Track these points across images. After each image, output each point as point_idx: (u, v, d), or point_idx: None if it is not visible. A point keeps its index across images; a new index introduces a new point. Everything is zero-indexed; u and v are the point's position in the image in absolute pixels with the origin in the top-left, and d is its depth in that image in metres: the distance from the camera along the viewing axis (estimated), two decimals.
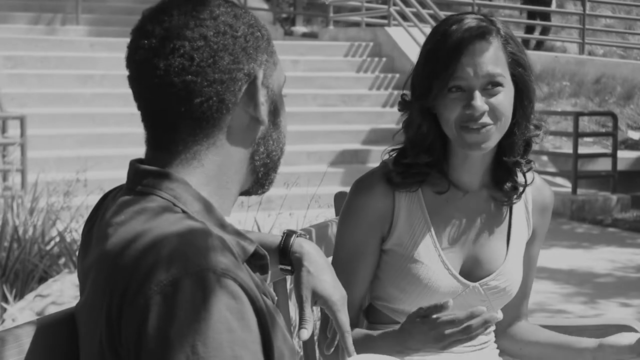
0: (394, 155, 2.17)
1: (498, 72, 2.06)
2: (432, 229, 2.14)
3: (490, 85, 2.06)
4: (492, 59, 2.06)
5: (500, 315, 1.98)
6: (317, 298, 1.85)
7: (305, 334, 1.78)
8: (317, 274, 1.86)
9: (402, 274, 2.14)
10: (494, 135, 2.08)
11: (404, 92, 2.17)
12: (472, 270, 2.16)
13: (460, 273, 2.15)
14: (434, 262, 2.13)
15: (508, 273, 2.17)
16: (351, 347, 1.84)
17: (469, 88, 2.06)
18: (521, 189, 2.17)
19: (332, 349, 1.95)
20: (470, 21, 2.08)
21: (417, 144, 2.13)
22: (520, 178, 2.17)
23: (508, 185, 2.16)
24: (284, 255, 1.90)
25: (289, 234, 1.92)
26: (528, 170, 2.19)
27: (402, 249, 2.14)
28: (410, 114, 2.14)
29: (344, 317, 1.85)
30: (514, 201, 2.18)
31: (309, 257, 1.87)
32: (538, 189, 2.25)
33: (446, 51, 2.06)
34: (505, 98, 2.08)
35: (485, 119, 2.06)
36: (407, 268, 2.13)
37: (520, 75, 2.11)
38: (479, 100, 2.05)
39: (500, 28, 2.10)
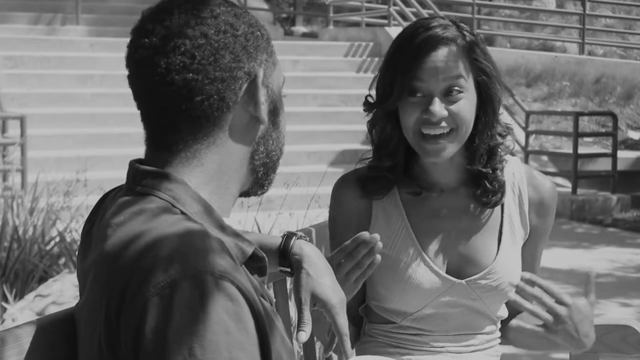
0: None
1: (459, 78, 2.06)
2: (410, 228, 2.16)
3: (451, 91, 2.06)
4: (453, 64, 2.06)
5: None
6: (316, 301, 1.85)
7: (304, 336, 1.78)
8: (317, 277, 1.86)
9: (386, 273, 2.15)
10: (453, 143, 2.08)
11: (369, 93, 2.18)
12: (460, 268, 2.16)
13: (448, 271, 2.15)
14: (414, 259, 2.14)
15: (500, 271, 2.16)
16: (349, 351, 1.84)
17: (429, 92, 2.07)
18: (496, 195, 2.15)
19: (330, 352, 1.95)
20: (435, 26, 2.08)
21: (381, 147, 2.17)
22: (490, 184, 2.15)
23: (482, 188, 2.16)
24: (284, 257, 1.90)
25: (289, 236, 1.92)
26: (494, 180, 2.15)
27: (383, 248, 2.15)
28: (375, 115, 2.15)
29: (342, 321, 1.85)
30: (491, 202, 2.16)
31: (308, 260, 1.88)
32: (535, 186, 2.23)
33: (408, 55, 2.07)
34: (466, 105, 2.07)
35: (444, 126, 2.06)
36: (389, 266, 2.14)
37: (484, 83, 2.10)
38: (438, 106, 2.05)
39: (466, 35, 2.09)
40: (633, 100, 13.95)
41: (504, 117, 2.21)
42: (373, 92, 2.17)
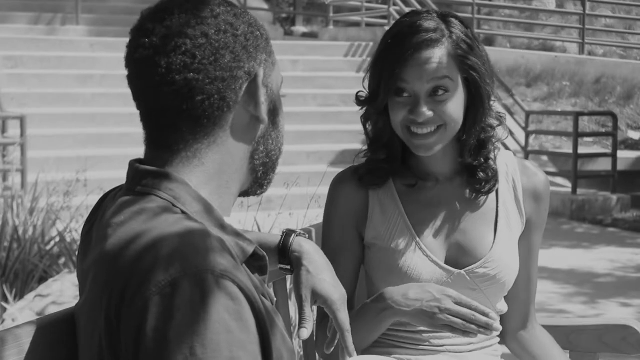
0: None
1: (444, 79, 2.07)
2: (406, 219, 2.17)
3: (437, 91, 2.07)
4: (439, 66, 2.07)
5: (499, 327, 2.03)
6: (317, 297, 1.86)
7: (305, 333, 1.78)
8: (317, 273, 1.86)
9: (385, 266, 2.16)
10: (441, 139, 2.10)
11: (361, 89, 2.20)
12: (458, 258, 2.17)
13: (447, 261, 2.16)
14: (412, 250, 2.15)
15: (497, 260, 2.16)
16: (351, 347, 1.85)
17: (415, 94, 2.08)
18: (490, 183, 2.17)
19: (332, 349, 1.95)
20: (422, 25, 2.08)
21: (376, 140, 2.19)
22: (484, 173, 2.17)
23: (476, 177, 2.18)
24: (284, 254, 1.90)
25: (288, 234, 1.92)
26: (486, 169, 2.17)
27: (381, 241, 2.17)
28: (367, 110, 2.18)
29: (343, 316, 1.86)
30: (485, 189, 2.18)
31: (308, 257, 1.88)
32: (528, 176, 2.24)
33: (394, 56, 2.08)
34: (453, 103, 2.09)
35: (431, 125, 2.08)
36: (388, 259, 2.15)
37: (473, 80, 2.11)
38: (423, 107, 2.07)
39: (454, 32, 2.10)
40: (633, 100, 13.95)
41: (496, 106, 2.21)
42: (367, 84, 2.18)
